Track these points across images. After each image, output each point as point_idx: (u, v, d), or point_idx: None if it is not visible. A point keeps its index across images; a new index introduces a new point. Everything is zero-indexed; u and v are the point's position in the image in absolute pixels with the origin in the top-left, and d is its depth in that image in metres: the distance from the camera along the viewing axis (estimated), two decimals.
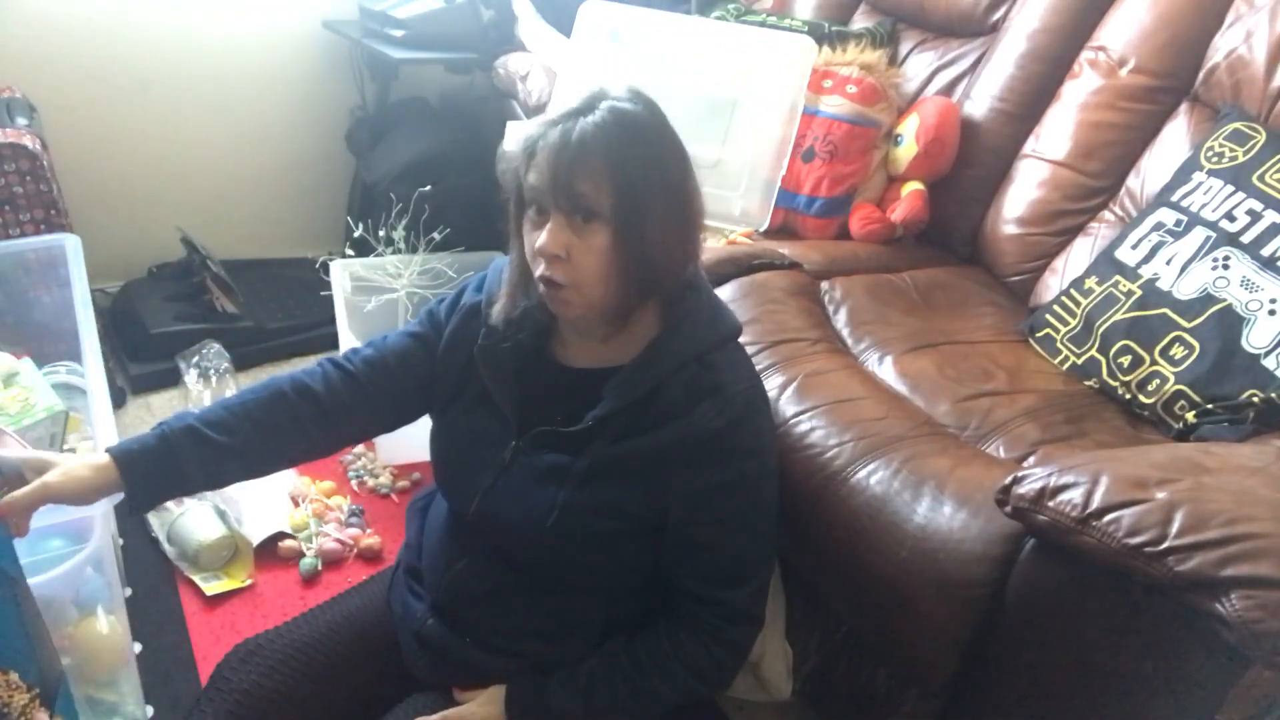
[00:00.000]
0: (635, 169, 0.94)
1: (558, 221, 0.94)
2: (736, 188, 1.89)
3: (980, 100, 1.89)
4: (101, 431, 1.24)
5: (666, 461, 0.99)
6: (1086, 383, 1.48)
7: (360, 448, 1.97)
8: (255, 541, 1.68)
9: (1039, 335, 1.59)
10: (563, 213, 0.94)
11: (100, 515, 1.16)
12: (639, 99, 0.98)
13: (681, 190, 0.98)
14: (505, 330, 1.06)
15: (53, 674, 1.08)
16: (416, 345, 1.13)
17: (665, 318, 1.03)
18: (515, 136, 1.00)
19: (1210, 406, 1.32)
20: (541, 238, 0.95)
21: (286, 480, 1.85)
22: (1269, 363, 1.30)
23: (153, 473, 1.00)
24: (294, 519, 1.76)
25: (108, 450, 0.99)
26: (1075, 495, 0.95)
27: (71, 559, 1.13)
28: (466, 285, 1.14)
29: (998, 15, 1.94)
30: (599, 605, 1.08)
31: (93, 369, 1.36)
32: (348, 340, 1.89)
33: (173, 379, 2.11)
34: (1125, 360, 1.43)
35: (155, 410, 2.09)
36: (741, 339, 1.10)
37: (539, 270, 0.97)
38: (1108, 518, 0.92)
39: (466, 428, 1.10)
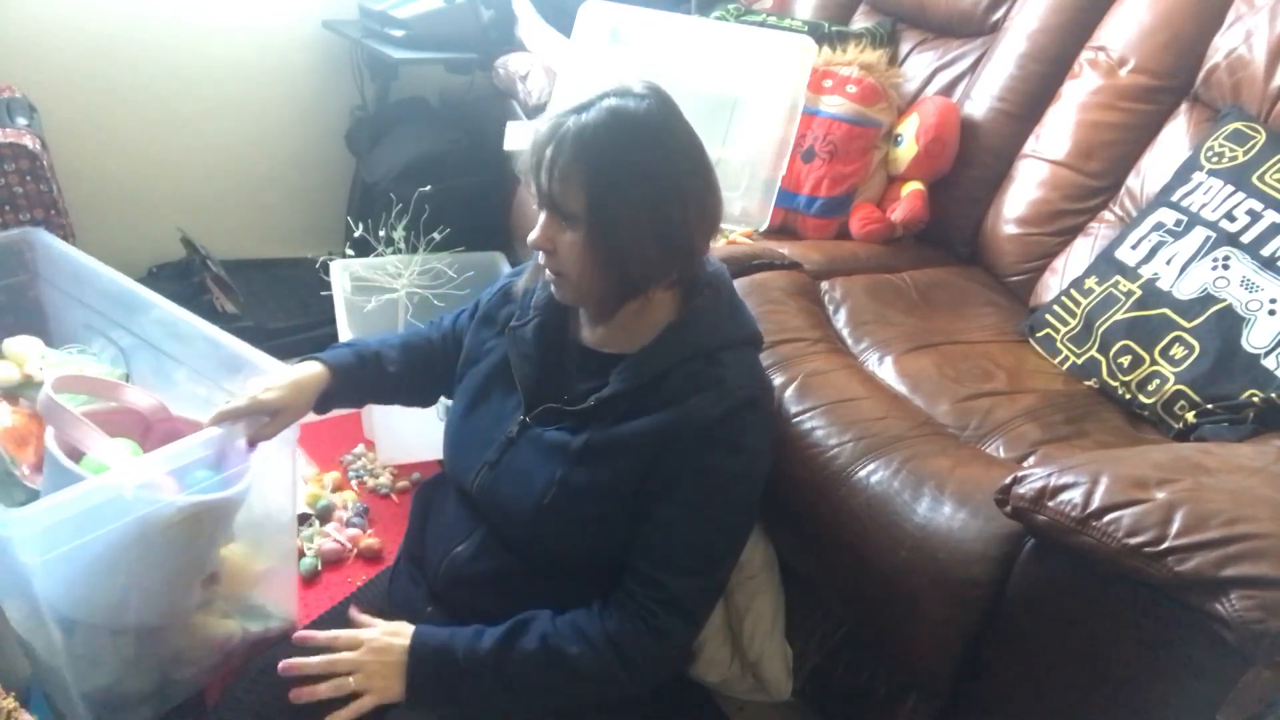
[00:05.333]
0: (613, 174, 0.95)
1: (545, 217, 1.00)
2: (736, 188, 1.89)
3: (980, 100, 1.89)
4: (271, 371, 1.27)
5: (658, 444, 1.00)
6: (1086, 383, 1.48)
7: (360, 447, 1.97)
8: None
9: (1039, 335, 1.59)
10: (546, 210, 0.99)
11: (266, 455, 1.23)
12: (648, 96, 0.98)
13: (669, 194, 0.97)
14: (533, 310, 1.11)
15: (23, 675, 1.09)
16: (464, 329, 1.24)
17: (681, 309, 1.06)
18: (515, 136, 1.01)
19: (1210, 406, 1.32)
20: (533, 232, 1.01)
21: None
22: (1269, 363, 1.30)
23: (348, 386, 1.18)
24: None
25: (321, 360, 1.18)
26: (1075, 495, 0.95)
27: (238, 484, 1.19)
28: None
29: (998, 15, 1.94)
30: (594, 590, 1.07)
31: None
32: None
33: None
34: (1125, 360, 1.43)
35: None
36: None
37: (539, 256, 1.04)
38: (1108, 518, 0.92)
39: (481, 402, 1.14)
